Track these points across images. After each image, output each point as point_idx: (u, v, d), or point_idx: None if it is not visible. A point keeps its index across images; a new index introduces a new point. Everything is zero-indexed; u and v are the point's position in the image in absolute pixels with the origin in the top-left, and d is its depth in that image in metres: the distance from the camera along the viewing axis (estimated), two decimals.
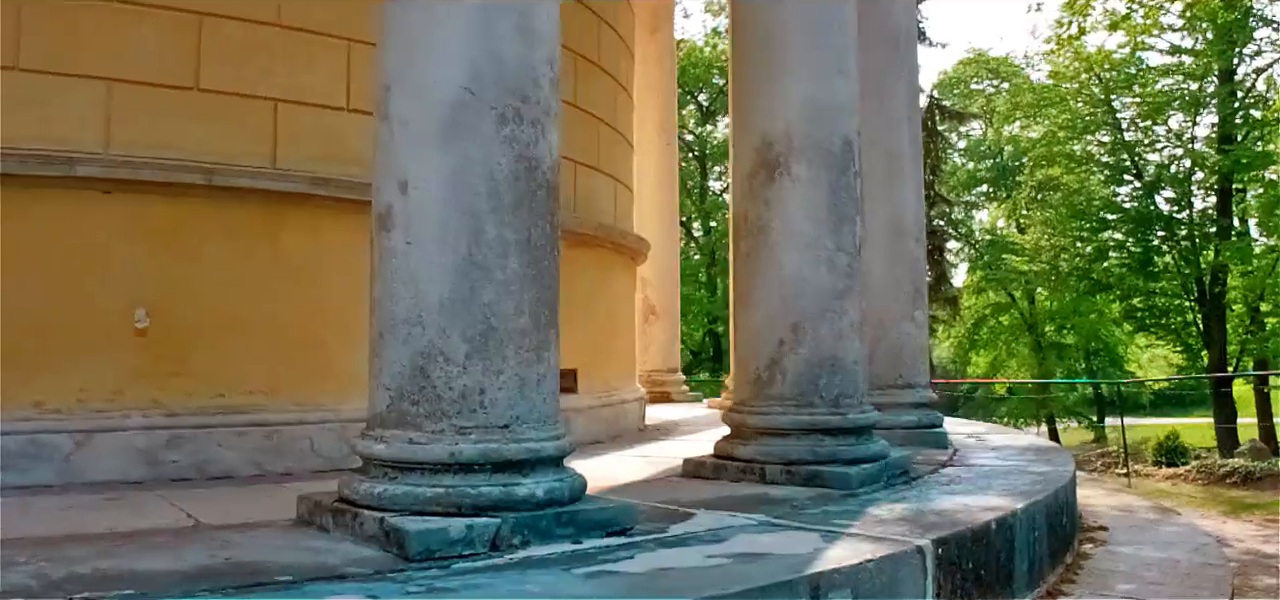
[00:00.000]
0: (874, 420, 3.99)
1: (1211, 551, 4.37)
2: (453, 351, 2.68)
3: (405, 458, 2.67)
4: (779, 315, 3.88)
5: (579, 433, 5.35)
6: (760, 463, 3.82)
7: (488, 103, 2.75)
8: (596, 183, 5.78)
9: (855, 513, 3.21)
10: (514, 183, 2.76)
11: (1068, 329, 25.92)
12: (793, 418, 3.82)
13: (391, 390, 2.75)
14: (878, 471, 3.81)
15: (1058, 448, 5.43)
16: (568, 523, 2.71)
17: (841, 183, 3.93)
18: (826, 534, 2.85)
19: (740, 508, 3.27)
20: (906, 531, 2.88)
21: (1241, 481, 10.48)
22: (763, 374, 3.92)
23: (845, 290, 3.90)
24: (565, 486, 2.75)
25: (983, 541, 3.03)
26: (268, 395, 4.03)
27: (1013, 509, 3.33)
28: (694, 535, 2.84)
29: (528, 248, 2.78)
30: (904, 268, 5.45)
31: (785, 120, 3.93)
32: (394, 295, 2.76)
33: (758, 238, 3.96)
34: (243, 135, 4.10)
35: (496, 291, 2.71)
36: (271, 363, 4.05)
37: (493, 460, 2.65)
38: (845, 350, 3.89)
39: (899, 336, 5.41)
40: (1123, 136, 20.88)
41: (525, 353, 2.74)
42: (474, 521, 2.55)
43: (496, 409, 2.69)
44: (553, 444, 2.76)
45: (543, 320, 2.81)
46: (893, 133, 5.49)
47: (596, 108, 5.79)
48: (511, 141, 2.77)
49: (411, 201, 2.76)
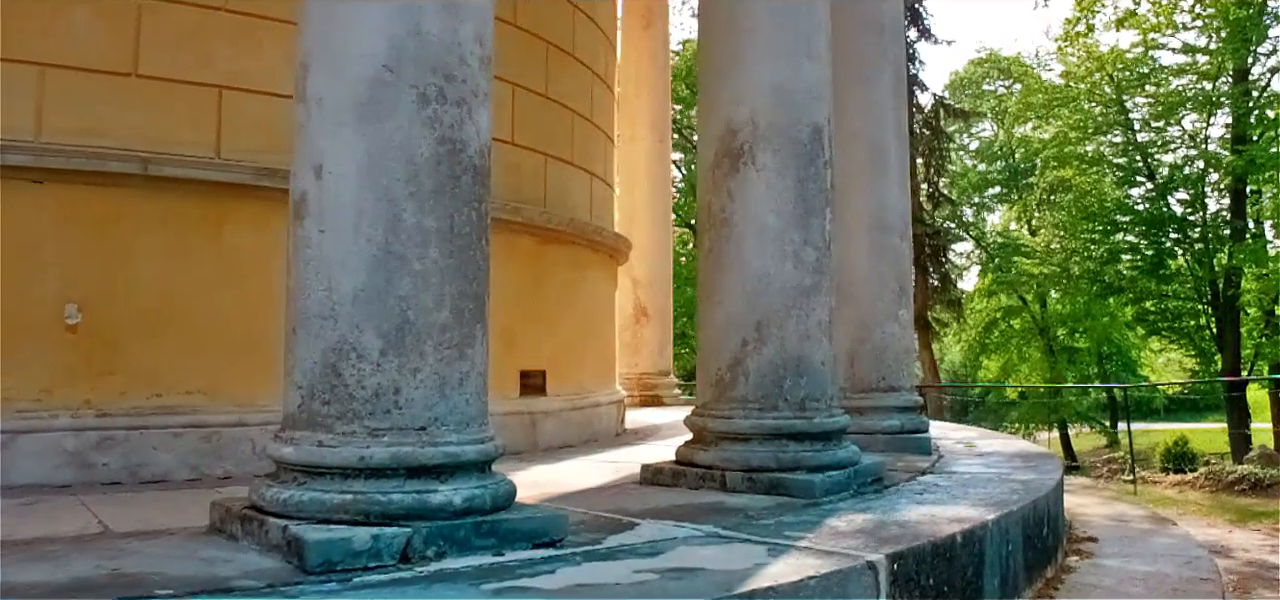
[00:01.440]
0: (844, 425, 3.77)
1: (1203, 564, 4.12)
2: (366, 347, 2.49)
3: (313, 461, 2.48)
4: (742, 313, 3.67)
5: (547, 437, 5.16)
6: (720, 469, 3.61)
7: (408, 81, 2.57)
8: (569, 177, 5.59)
9: (812, 524, 3.00)
10: (435, 167, 2.57)
11: (1080, 333, 25.51)
12: (755, 421, 3.61)
13: (303, 389, 2.57)
14: (846, 479, 3.60)
15: (1047, 454, 5.19)
16: (489, 533, 2.51)
17: (810, 173, 3.72)
18: (774, 547, 2.64)
19: (691, 517, 3.07)
20: (861, 545, 2.67)
21: (1250, 489, 10.15)
22: (725, 375, 3.71)
23: (813, 287, 3.69)
24: (487, 494, 2.55)
25: (946, 556, 2.81)
26: (207, 395, 3.86)
27: (983, 520, 3.11)
28: (629, 548, 2.64)
29: (450, 237, 2.58)
30: (888, 265, 5.22)
31: (750, 107, 3.72)
32: (306, 287, 2.58)
33: (721, 231, 3.76)
34: (184, 123, 3.93)
35: (414, 283, 2.52)
36: (212, 361, 3.87)
37: (407, 465, 2.46)
38: (813, 350, 3.67)
39: (882, 337, 5.18)
40: (1135, 137, 20.50)
41: (446, 349, 2.55)
42: (382, 531, 2.36)
43: (413, 409, 2.50)
44: (475, 448, 2.57)
45: (467, 314, 2.61)
46: (877, 124, 5.26)
47: (570, 99, 5.60)
48: (434, 122, 2.59)
49: (326, 187, 2.58)
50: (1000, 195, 30.08)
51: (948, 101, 19.02)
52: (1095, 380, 26.37)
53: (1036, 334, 27.06)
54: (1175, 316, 21.12)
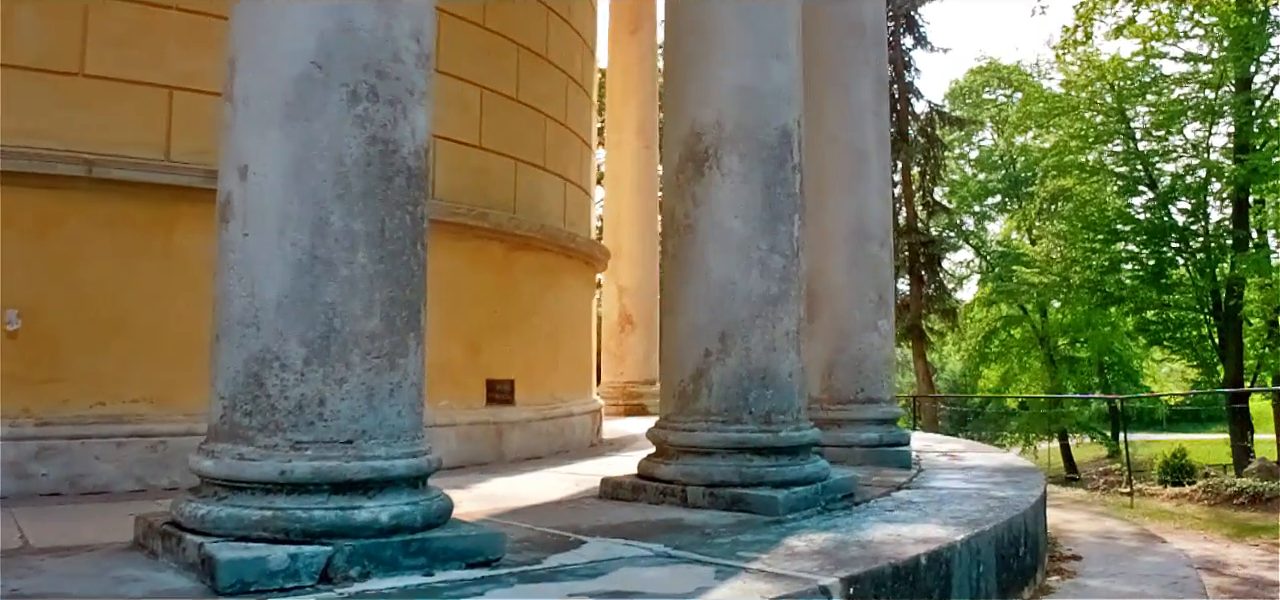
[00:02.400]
0: (812, 439, 3.63)
1: (1191, 584, 3.97)
2: (290, 356, 2.37)
3: (233, 475, 2.36)
4: (706, 323, 3.54)
5: (515, 447, 5.03)
6: (681, 484, 3.48)
7: (338, 79, 2.45)
8: (542, 182, 5.47)
9: (770, 543, 2.87)
10: (365, 168, 2.45)
11: (1080, 343, 25.28)
12: (718, 435, 3.48)
13: (225, 399, 2.44)
14: (812, 495, 3.46)
15: (1031, 468, 5.04)
16: (419, 552, 2.38)
17: (778, 177, 3.59)
18: (722, 569, 2.51)
19: (643, 535, 2.93)
20: (817, 567, 2.53)
21: (1249, 502, 9.97)
22: (687, 387, 3.58)
23: (780, 296, 3.55)
24: (418, 511, 2.42)
25: (908, 579, 2.67)
26: (153, 404, 3.74)
27: (951, 541, 2.97)
28: (569, 568, 2.51)
29: (381, 241, 2.46)
30: (867, 274, 5.08)
31: (716, 108, 3.60)
32: (230, 293, 2.46)
33: (684, 237, 3.63)
34: (133, 124, 3.82)
35: (341, 289, 2.40)
36: (159, 369, 3.75)
37: (331, 479, 2.33)
38: (779, 362, 3.54)
39: (861, 348, 5.04)
40: (1136, 146, 20.32)
41: (374, 358, 2.42)
42: (300, 550, 2.23)
43: (338, 422, 2.37)
44: (406, 462, 2.44)
45: (399, 322, 2.49)
46: (857, 129, 5.13)
47: (543, 103, 5.48)
48: (364, 122, 2.46)
49: (251, 189, 2.46)
50: (1001, 204, 29.91)
51: (943, 109, 18.87)
52: (1096, 390, 26.15)
53: (1037, 344, 26.83)
54: (1177, 326, 20.90)
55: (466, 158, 4.87)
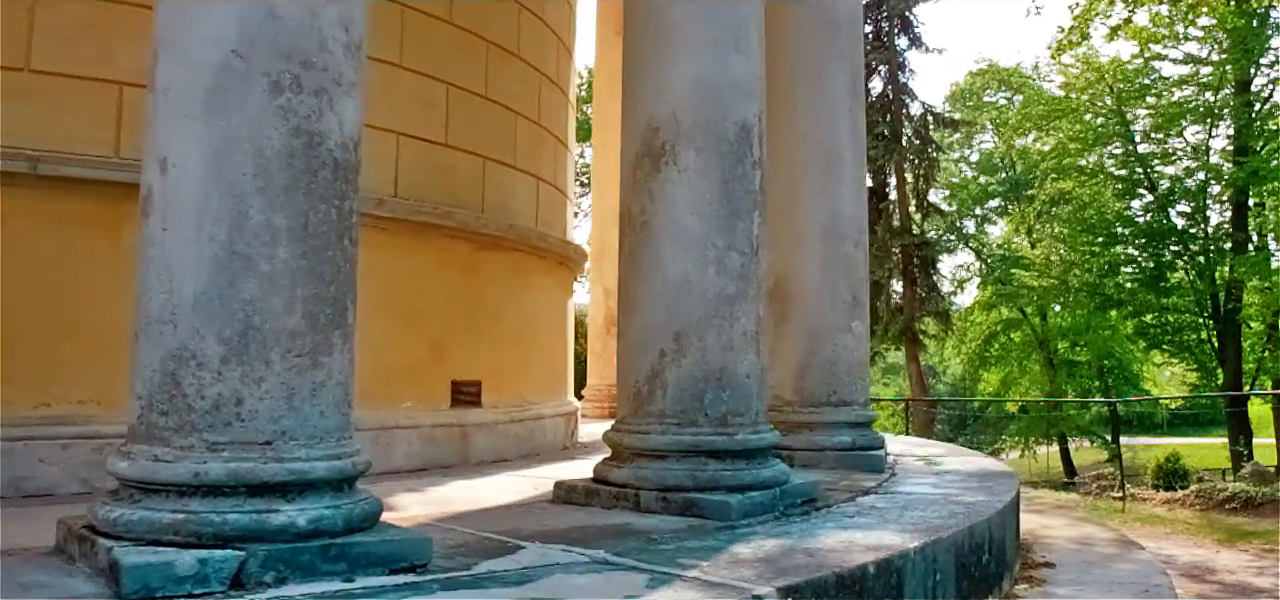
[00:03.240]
0: (771, 442, 3.54)
1: (1163, 593, 3.87)
2: (206, 355, 2.29)
3: (148, 478, 2.29)
4: (661, 323, 3.46)
5: (480, 450, 4.95)
6: (634, 488, 3.40)
7: (259, 68, 2.38)
8: (512, 181, 5.38)
9: (715, 549, 2.78)
10: (288, 160, 2.38)
11: (1080, 346, 25.12)
12: (673, 437, 3.39)
13: (142, 399, 2.37)
14: (770, 500, 3.37)
15: (1007, 473, 4.94)
16: (339, 557, 2.30)
17: (737, 173, 3.51)
18: (657, 577, 2.43)
19: (586, 541, 2.85)
20: (756, 576, 2.45)
21: (1241, 507, 9.85)
22: (642, 388, 3.49)
23: (738, 294, 3.47)
24: (339, 515, 2.34)
25: (854, 588, 2.58)
26: (100, 405, 3.66)
27: (904, 548, 2.88)
28: (498, 575, 2.43)
29: (304, 236, 2.39)
30: (841, 274, 4.99)
31: (673, 103, 3.52)
32: (149, 289, 2.39)
33: (640, 235, 3.55)
34: (82, 121, 3.74)
35: (261, 286, 2.32)
36: (106, 370, 3.66)
37: (247, 482, 2.25)
38: (736, 362, 3.45)
39: (834, 350, 4.95)
40: (1135, 148, 20.20)
41: (296, 357, 2.35)
42: (210, 555, 2.15)
43: (257, 422, 2.30)
44: (327, 464, 2.36)
45: (323, 320, 2.41)
46: (831, 127, 5.05)
47: (514, 101, 5.40)
48: (286, 113, 2.39)
49: (170, 182, 2.39)
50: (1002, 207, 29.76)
51: (938, 110, 18.75)
52: (1096, 394, 25.97)
53: (1037, 347, 26.68)
54: (1176, 330, 20.77)
55: (431, 155, 4.80)
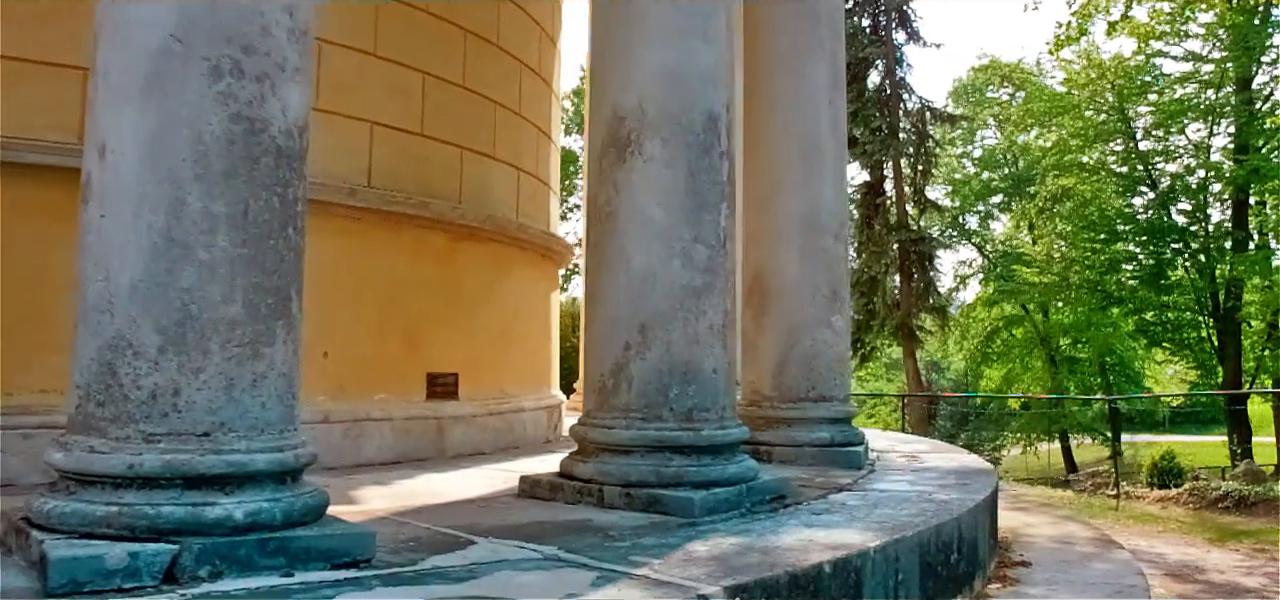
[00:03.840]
0: (737, 438, 3.49)
1: (1137, 594, 3.81)
2: (143, 344, 2.25)
3: (83, 469, 2.25)
4: (626, 315, 3.41)
5: (457, 443, 4.91)
6: (598, 483, 3.35)
7: (199, 53, 2.33)
8: (491, 172, 5.33)
9: (671, 547, 2.73)
10: (228, 147, 2.33)
11: (1082, 343, 25.00)
12: (637, 432, 3.34)
13: (81, 389, 2.33)
14: (735, 497, 3.32)
15: (985, 470, 4.89)
16: (278, 551, 2.26)
17: (703, 164, 3.45)
18: (605, 575, 2.38)
19: (542, 536, 2.81)
20: (706, 574, 2.40)
21: (1235, 506, 9.78)
22: (607, 382, 3.45)
23: (704, 287, 3.42)
24: (279, 508, 2.30)
25: (808, 588, 2.53)
26: (62, 395, 3.60)
27: (863, 547, 2.83)
28: (441, 572, 2.38)
29: (244, 224, 2.34)
30: (820, 268, 4.93)
31: (639, 92, 3.46)
32: (87, 278, 2.35)
33: (605, 226, 3.50)
34: (48, 107, 3.71)
35: (199, 274, 2.28)
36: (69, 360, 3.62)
37: (183, 474, 2.21)
38: (702, 356, 3.40)
39: (813, 345, 4.90)
40: (1136, 145, 20.07)
41: (236, 347, 2.30)
42: (142, 548, 2.11)
43: (194, 413, 2.26)
44: (268, 456, 2.32)
45: (264, 310, 2.36)
46: (811, 118, 4.98)
47: (493, 91, 5.34)
48: (227, 99, 2.34)
49: (108, 168, 2.35)
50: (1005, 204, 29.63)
51: (935, 105, 18.64)
52: (1098, 391, 25.85)
53: (1038, 344, 26.57)
54: (1176, 328, 20.65)
55: (407, 145, 4.74)
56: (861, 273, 17.74)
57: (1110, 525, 9.57)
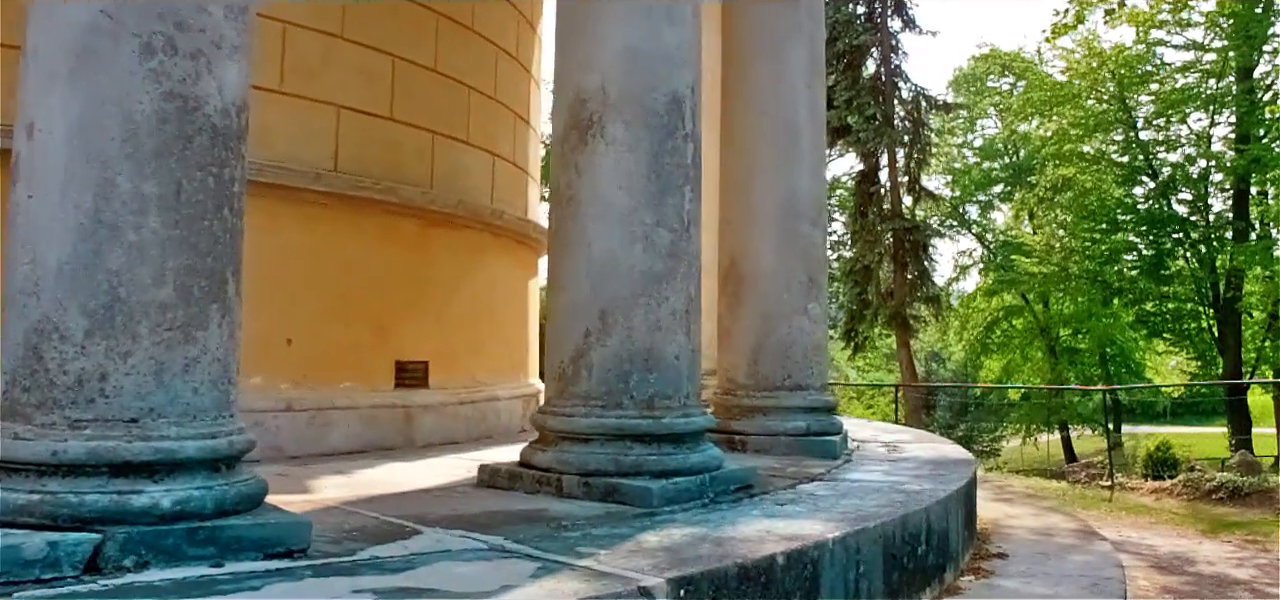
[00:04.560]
0: (701, 426, 3.43)
1: (1112, 586, 3.75)
2: (70, 328, 2.19)
3: (8, 456, 2.19)
4: (586, 301, 3.35)
5: (426, 432, 4.86)
6: (557, 472, 3.29)
7: (129, 28, 2.26)
8: (465, 158, 5.26)
9: (622, 537, 2.68)
10: (159, 126, 2.27)
11: (1082, 334, 24.89)
12: (596, 420, 3.28)
13: (7, 374, 2.28)
14: (697, 486, 3.27)
15: (964, 460, 4.82)
16: (208, 541, 2.21)
17: (667, 146, 3.38)
18: (546, 566, 2.32)
19: (492, 526, 2.75)
20: (652, 565, 2.34)
21: (1229, 497, 9.71)
22: (567, 369, 3.39)
23: (667, 273, 3.35)
24: (210, 496, 2.24)
25: (759, 580, 2.47)
26: None
27: (821, 538, 2.77)
28: (380, 562, 2.33)
29: (176, 205, 2.28)
30: (797, 255, 4.86)
31: (601, 73, 3.39)
32: (14, 260, 2.29)
33: (567, 210, 3.44)
34: None
35: (128, 256, 2.22)
36: None
37: (109, 461, 2.16)
38: (664, 343, 3.34)
39: (789, 332, 4.83)
40: (1137, 135, 19.92)
41: (166, 331, 2.24)
42: (63, 538, 2.06)
43: (122, 399, 2.20)
44: (199, 443, 2.26)
45: (197, 293, 2.30)
46: (789, 102, 4.90)
47: (467, 75, 5.26)
48: (159, 76, 2.28)
49: (36, 148, 2.28)
50: (1006, 193, 29.48)
51: (930, 93, 18.49)
52: (1098, 382, 25.75)
53: (1038, 335, 26.47)
54: (1176, 318, 20.53)
55: (375, 130, 4.67)
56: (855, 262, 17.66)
57: (1102, 517, 9.51)
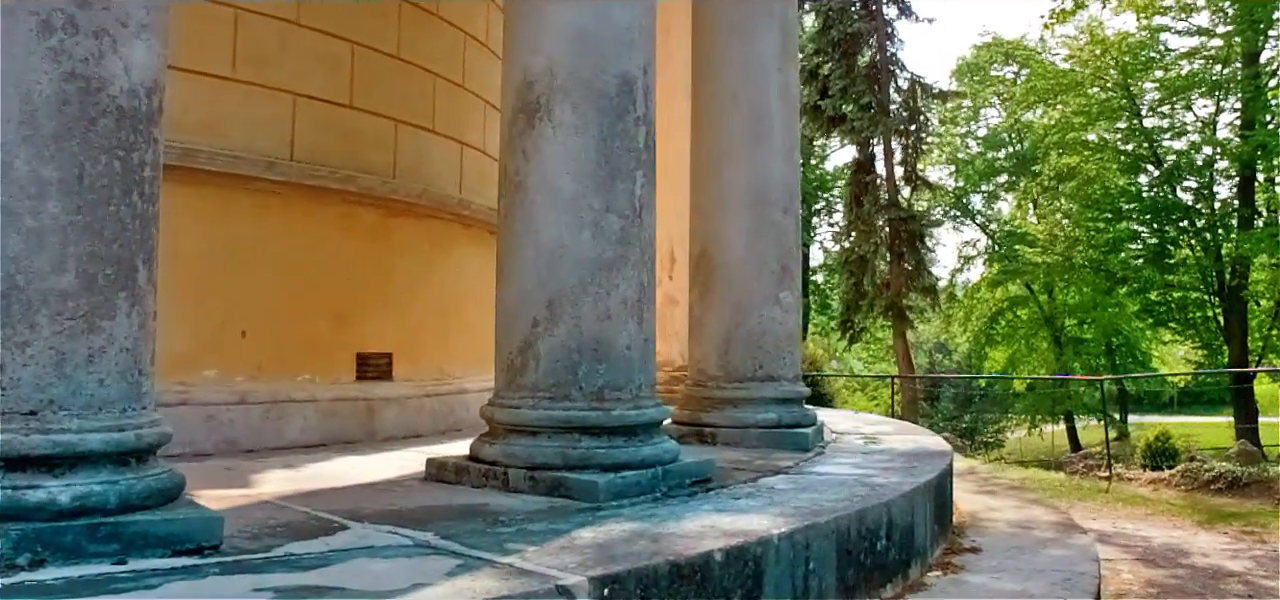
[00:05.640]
0: (653, 418, 3.33)
1: (1085, 582, 3.63)
2: None
3: None
4: (533, 290, 3.26)
5: (389, 425, 4.78)
6: (504, 466, 3.21)
7: (27, 6, 2.18)
8: (431, 146, 5.16)
9: (558, 533, 2.58)
10: (60, 107, 2.18)
11: (1087, 324, 24.68)
12: (544, 413, 3.19)
13: None
14: (649, 480, 3.17)
15: (941, 452, 4.71)
16: (111, 537, 2.12)
17: (618, 130, 3.28)
18: (467, 564, 2.23)
19: (425, 521, 2.66)
20: (577, 563, 2.25)
21: (1227, 487, 9.56)
22: (515, 360, 3.30)
23: (617, 260, 3.25)
24: (114, 491, 2.16)
25: (693, 578, 2.38)
26: None
27: (767, 534, 2.67)
28: (294, 559, 2.25)
29: (78, 189, 2.19)
30: (768, 243, 4.75)
31: (548, 54, 3.29)
32: None
33: (515, 197, 3.34)
34: None
35: (26, 242, 2.14)
36: None
37: (4, 455, 2.08)
38: (614, 333, 3.24)
39: (760, 322, 4.72)
40: (1141, 123, 19.69)
41: (68, 321, 2.16)
42: None
43: (20, 390, 2.12)
44: (104, 437, 2.17)
45: (103, 281, 2.22)
46: (759, 86, 4.78)
47: (433, 63, 5.16)
48: (59, 55, 2.19)
49: None
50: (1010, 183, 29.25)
51: (926, 81, 18.28)
52: (1104, 372, 25.54)
53: (1043, 325, 26.27)
54: (1181, 307, 20.31)
55: (334, 118, 4.58)
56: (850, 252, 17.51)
57: (1098, 508, 9.38)
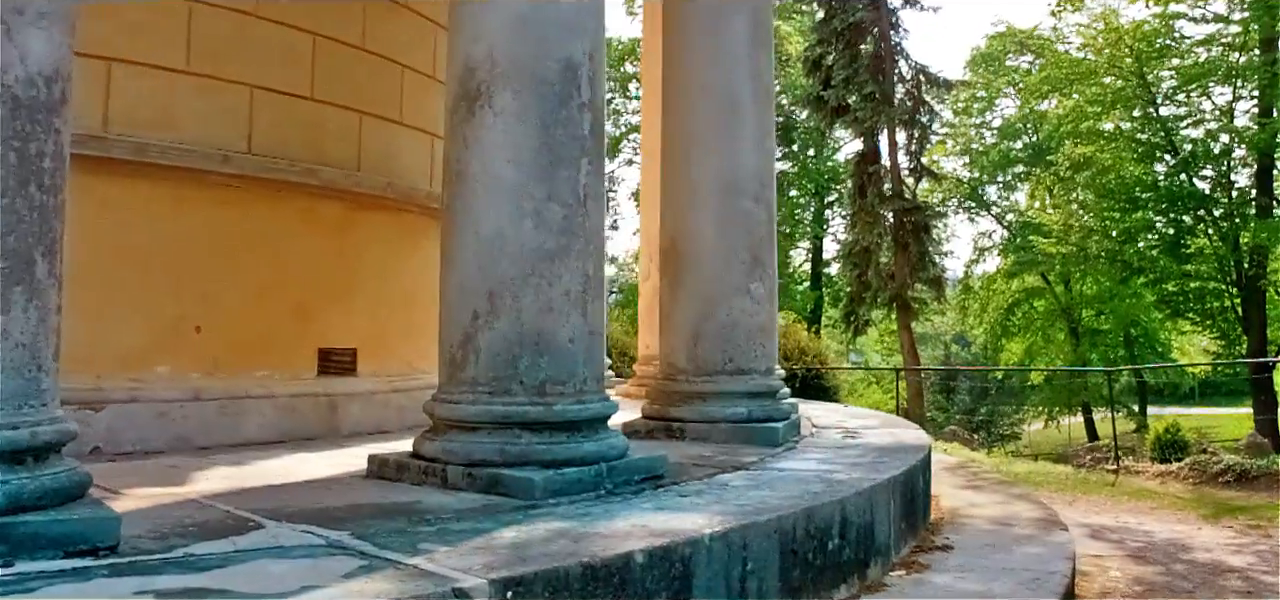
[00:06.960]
0: (599, 413, 3.24)
1: (1054, 582, 3.50)
2: None
3: None
4: (474, 281, 3.17)
5: (353, 421, 4.71)
6: (443, 462, 3.13)
7: None
8: (398, 138, 5.08)
9: (478, 532, 2.50)
10: None
11: (1105, 315, 24.30)
12: (484, 408, 3.11)
13: None
14: (592, 477, 3.08)
15: (917, 447, 4.58)
16: None
17: (560, 116, 3.19)
18: (367, 566, 2.16)
19: (345, 520, 2.59)
20: (485, 565, 2.17)
21: (1235, 480, 9.34)
22: (456, 354, 3.21)
23: (560, 250, 3.16)
24: (2, 491, 2.09)
25: (610, 580, 2.28)
26: None
27: (697, 534, 2.56)
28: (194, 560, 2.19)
29: None
30: (739, 233, 4.63)
31: (489, 41, 3.20)
32: None
33: (457, 186, 3.26)
34: None
35: None
36: None
37: None
38: (557, 325, 3.15)
39: (731, 314, 4.61)
40: (1156, 111, 19.30)
41: None
42: None
43: None
44: None
45: None
46: (729, 73, 4.67)
47: (400, 53, 5.08)
48: None
49: None
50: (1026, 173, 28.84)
51: (931, 70, 18.00)
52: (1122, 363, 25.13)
53: (1060, 316, 25.90)
54: (1198, 298, 19.92)
55: (295, 110, 4.51)
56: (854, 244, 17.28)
57: (1103, 502, 9.19)
